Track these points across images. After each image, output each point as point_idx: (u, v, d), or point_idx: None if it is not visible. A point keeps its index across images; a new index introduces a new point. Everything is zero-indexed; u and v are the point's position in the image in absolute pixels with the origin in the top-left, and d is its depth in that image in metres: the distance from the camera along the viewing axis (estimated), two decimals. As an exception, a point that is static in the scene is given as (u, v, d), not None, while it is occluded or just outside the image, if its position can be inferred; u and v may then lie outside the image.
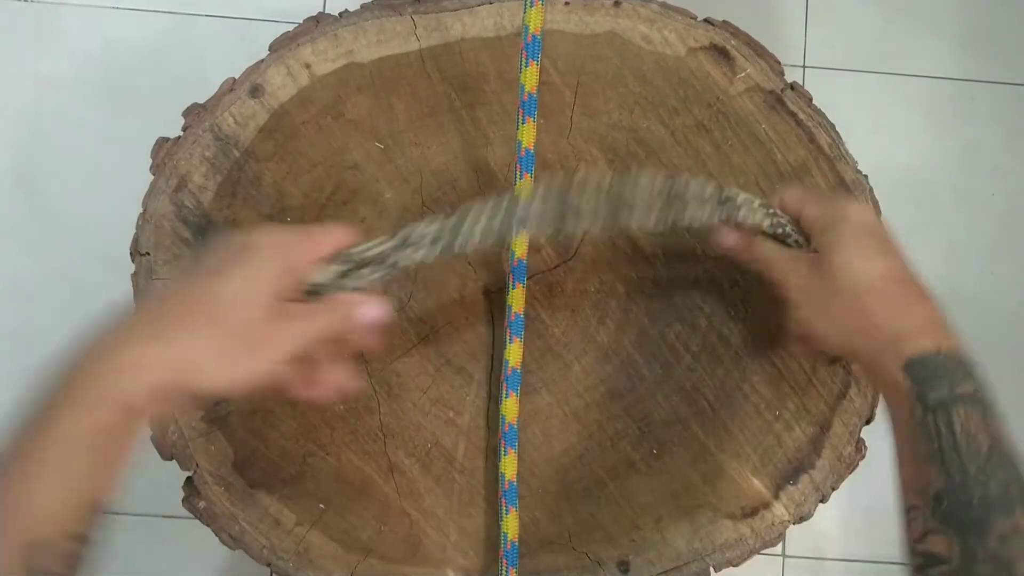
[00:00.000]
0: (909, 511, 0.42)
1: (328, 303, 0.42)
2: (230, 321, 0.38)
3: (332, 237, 0.43)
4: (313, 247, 0.42)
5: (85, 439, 0.35)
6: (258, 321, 0.39)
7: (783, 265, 0.48)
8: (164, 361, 0.37)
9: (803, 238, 0.49)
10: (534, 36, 0.50)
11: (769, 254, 0.49)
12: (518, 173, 0.53)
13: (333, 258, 0.43)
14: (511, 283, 0.54)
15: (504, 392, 0.53)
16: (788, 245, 0.49)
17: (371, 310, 0.43)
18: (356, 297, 0.43)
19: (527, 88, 0.51)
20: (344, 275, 0.43)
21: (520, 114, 0.52)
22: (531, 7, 0.50)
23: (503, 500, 0.52)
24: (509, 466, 0.53)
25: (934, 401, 0.41)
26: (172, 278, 0.45)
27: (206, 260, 0.41)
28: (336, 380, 0.44)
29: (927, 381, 0.42)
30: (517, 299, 0.53)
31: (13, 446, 0.36)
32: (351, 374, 0.45)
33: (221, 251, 0.41)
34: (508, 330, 0.53)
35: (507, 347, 0.53)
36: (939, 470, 0.40)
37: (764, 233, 0.49)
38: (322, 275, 0.43)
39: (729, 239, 0.50)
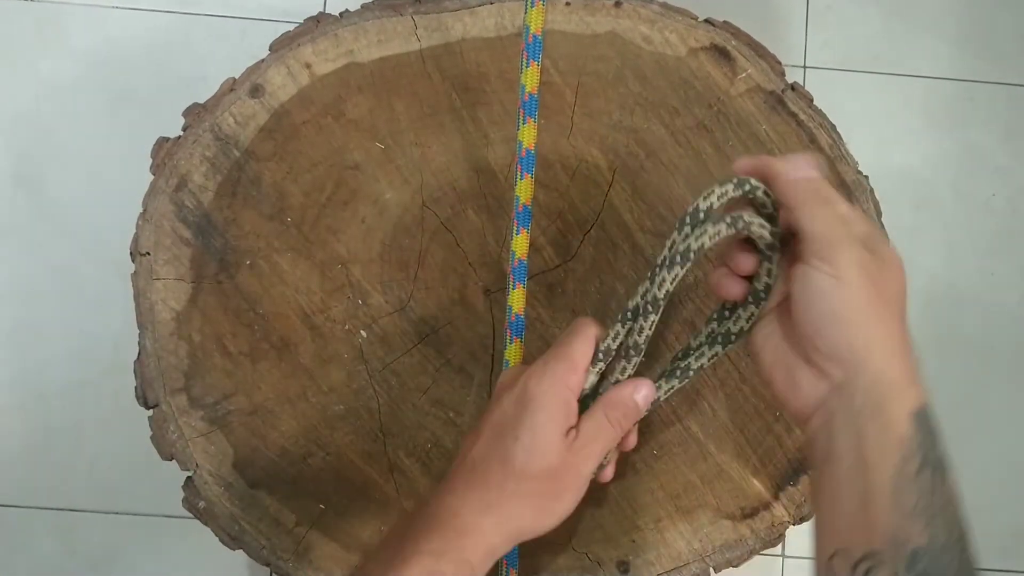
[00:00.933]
0: (866, 557, 0.39)
1: (607, 409, 0.46)
2: (536, 476, 0.44)
3: (586, 347, 0.46)
4: (576, 370, 0.46)
5: None
6: (557, 467, 0.44)
7: (837, 228, 0.41)
8: (496, 529, 0.44)
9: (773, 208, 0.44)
10: (535, 36, 0.50)
11: (838, 202, 0.42)
12: (519, 173, 0.53)
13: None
14: (511, 283, 0.54)
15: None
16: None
17: (644, 391, 0.46)
18: (626, 390, 0.46)
19: (528, 88, 0.51)
20: (602, 375, 0.47)
21: (521, 114, 0.52)
22: (532, 7, 0.50)
23: (508, 331, 0.52)
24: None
25: (933, 458, 0.40)
26: (470, 432, 0.48)
27: (496, 414, 0.46)
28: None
29: (931, 435, 0.40)
30: (517, 300, 0.53)
31: None
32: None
33: (509, 404, 0.46)
34: (508, 331, 0.53)
35: (507, 348, 0.53)
36: (924, 528, 0.38)
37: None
38: (587, 383, 0.46)
39: (803, 169, 0.43)
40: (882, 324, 0.40)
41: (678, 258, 0.42)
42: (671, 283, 0.43)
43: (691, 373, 0.48)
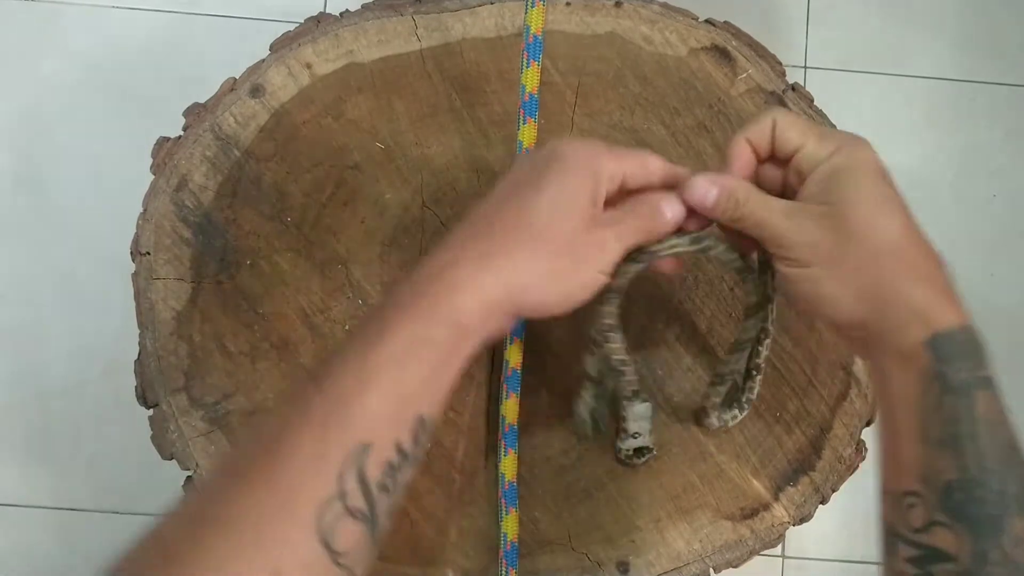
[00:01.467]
0: (906, 496, 0.38)
1: (634, 205, 0.42)
2: (554, 236, 0.38)
3: (636, 158, 0.42)
4: (615, 159, 0.41)
5: (417, 352, 0.36)
6: (580, 232, 0.39)
7: (780, 221, 0.41)
8: (496, 281, 0.37)
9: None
10: (535, 36, 0.51)
11: (760, 210, 0.41)
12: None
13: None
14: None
15: (504, 393, 0.53)
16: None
17: (675, 205, 0.42)
18: (658, 195, 0.42)
19: (528, 89, 0.51)
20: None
21: (521, 114, 0.52)
22: (532, 7, 0.50)
23: (503, 500, 0.52)
24: (509, 467, 0.53)
25: (957, 383, 0.37)
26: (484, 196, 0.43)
27: (517, 172, 0.41)
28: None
29: (951, 360, 0.37)
30: None
31: (345, 357, 0.36)
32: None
33: (530, 162, 0.41)
34: (508, 331, 0.53)
35: (507, 348, 0.53)
36: (953, 458, 0.36)
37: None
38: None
39: (699, 192, 0.42)
40: (874, 267, 0.39)
41: (635, 255, 0.43)
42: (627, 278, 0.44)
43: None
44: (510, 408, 0.53)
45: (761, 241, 0.42)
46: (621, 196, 0.43)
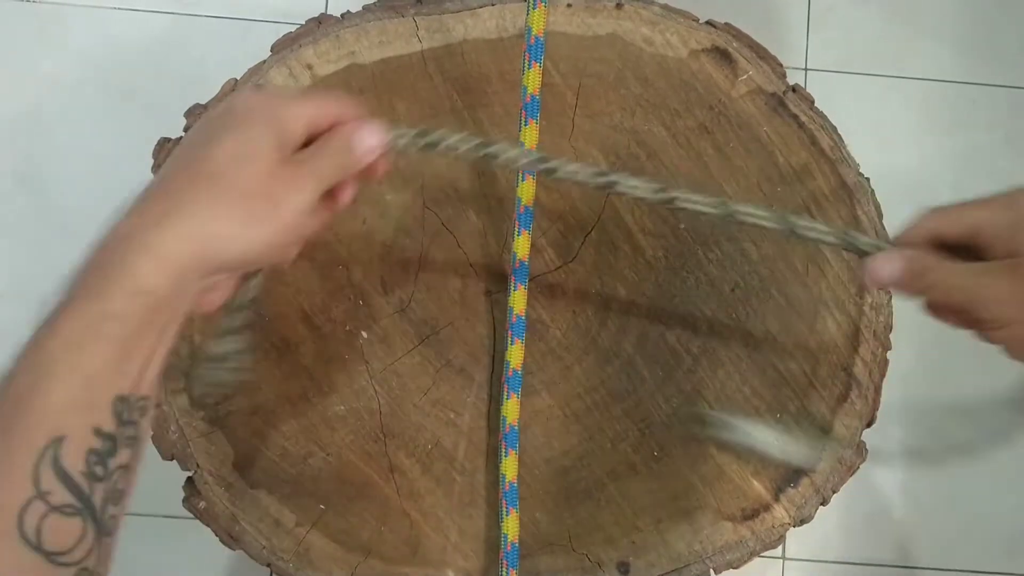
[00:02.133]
0: None
1: (326, 140, 0.39)
2: (238, 179, 0.35)
3: (320, 98, 0.39)
4: (299, 103, 0.38)
5: (97, 330, 0.33)
6: (266, 174, 0.36)
7: (970, 281, 0.38)
8: (177, 237, 0.34)
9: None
10: (537, 38, 0.51)
11: (949, 276, 0.39)
12: (520, 175, 0.53)
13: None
14: (513, 284, 0.54)
15: (505, 393, 0.53)
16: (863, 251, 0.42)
17: (371, 135, 0.39)
18: (351, 126, 0.39)
19: (530, 90, 0.51)
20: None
21: (522, 116, 0.52)
22: (534, 9, 0.50)
23: (503, 501, 0.52)
24: (510, 468, 0.53)
25: None
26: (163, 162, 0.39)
27: (193, 133, 0.38)
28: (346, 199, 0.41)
29: None
30: (519, 301, 0.54)
31: (24, 350, 0.34)
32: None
33: (206, 120, 0.38)
34: (509, 332, 0.53)
35: (508, 349, 0.53)
36: None
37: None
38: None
39: (885, 270, 0.41)
40: None
41: (763, 212, 0.42)
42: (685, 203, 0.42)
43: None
44: (511, 409, 0.53)
45: (959, 308, 0.39)
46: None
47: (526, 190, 0.52)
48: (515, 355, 0.53)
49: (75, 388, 0.32)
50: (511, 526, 0.52)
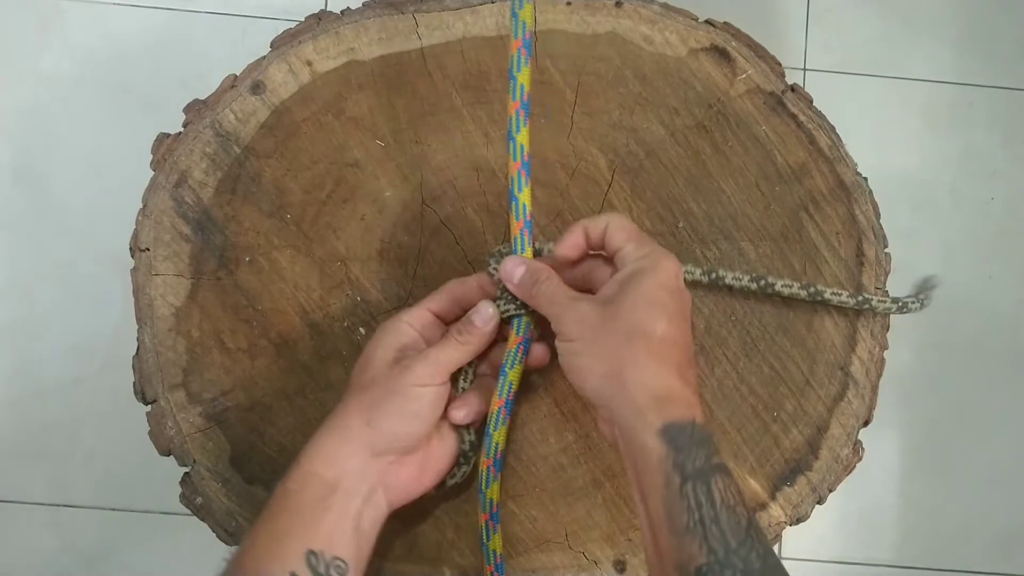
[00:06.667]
0: None
1: (453, 326, 0.50)
2: (364, 383, 0.48)
3: (437, 294, 0.52)
4: (417, 308, 0.51)
5: (280, 503, 0.45)
6: (383, 371, 0.47)
7: (564, 303, 0.47)
8: (335, 430, 0.47)
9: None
10: (531, 34, 0.49)
11: (551, 292, 0.48)
12: (520, 183, 0.52)
13: None
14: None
15: (502, 418, 0.51)
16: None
17: (485, 312, 0.50)
18: (470, 311, 0.50)
19: (526, 88, 0.50)
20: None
21: (521, 115, 0.50)
22: (524, 7, 0.48)
23: (490, 522, 0.52)
24: (495, 491, 0.52)
25: (692, 471, 0.40)
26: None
27: None
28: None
29: (685, 449, 0.41)
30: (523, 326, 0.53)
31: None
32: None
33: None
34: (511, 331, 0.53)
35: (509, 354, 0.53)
36: (701, 544, 0.39)
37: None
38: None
39: (512, 272, 0.50)
40: (625, 350, 0.43)
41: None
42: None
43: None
44: (500, 437, 0.52)
45: (548, 318, 0.48)
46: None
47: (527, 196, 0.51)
48: (514, 376, 0.52)
49: (272, 541, 0.44)
50: (497, 543, 0.52)
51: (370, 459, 0.46)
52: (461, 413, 0.50)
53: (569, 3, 0.60)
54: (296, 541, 0.43)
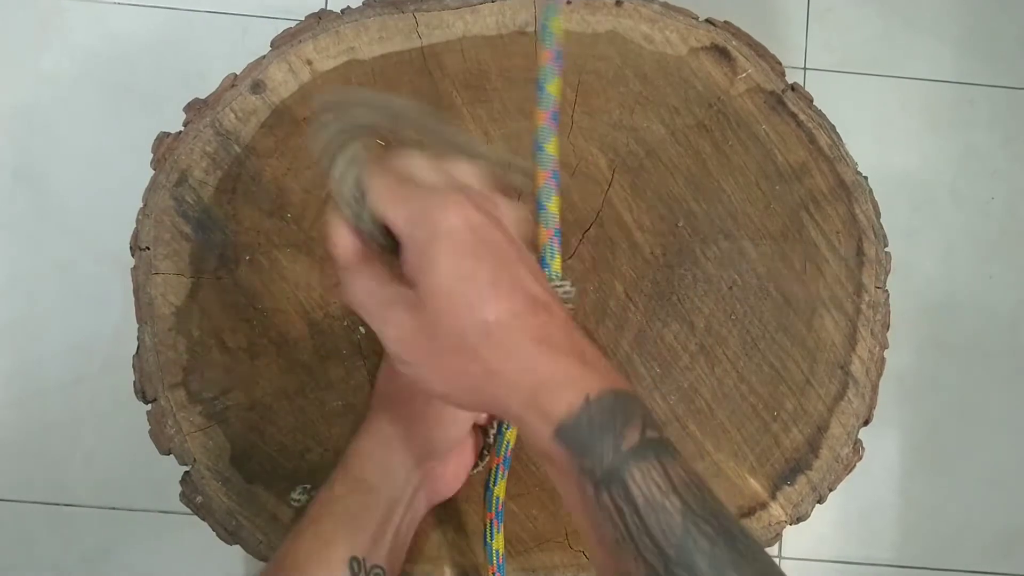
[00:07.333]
0: None
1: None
2: (397, 391, 0.49)
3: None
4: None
5: (327, 509, 0.46)
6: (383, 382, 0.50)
7: (380, 311, 0.36)
8: (368, 438, 0.48)
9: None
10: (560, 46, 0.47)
11: (363, 296, 0.37)
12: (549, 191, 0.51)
13: None
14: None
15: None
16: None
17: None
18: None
19: (556, 99, 0.48)
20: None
21: (551, 126, 0.48)
22: (554, 16, 0.47)
23: (495, 521, 0.51)
24: (502, 489, 0.52)
25: (603, 473, 0.33)
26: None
27: None
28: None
29: (587, 447, 0.33)
30: None
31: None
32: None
33: None
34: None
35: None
36: (636, 559, 0.33)
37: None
38: None
39: (336, 246, 0.37)
40: (471, 363, 0.34)
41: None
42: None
43: None
44: (511, 435, 0.51)
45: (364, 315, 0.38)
46: None
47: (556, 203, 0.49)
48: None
49: (318, 546, 0.44)
50: (500, 543, 0.52)
51: (414, 467, 0.47)
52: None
53: (569, 2, 0.60)
54: (341, 547, 0.44)
